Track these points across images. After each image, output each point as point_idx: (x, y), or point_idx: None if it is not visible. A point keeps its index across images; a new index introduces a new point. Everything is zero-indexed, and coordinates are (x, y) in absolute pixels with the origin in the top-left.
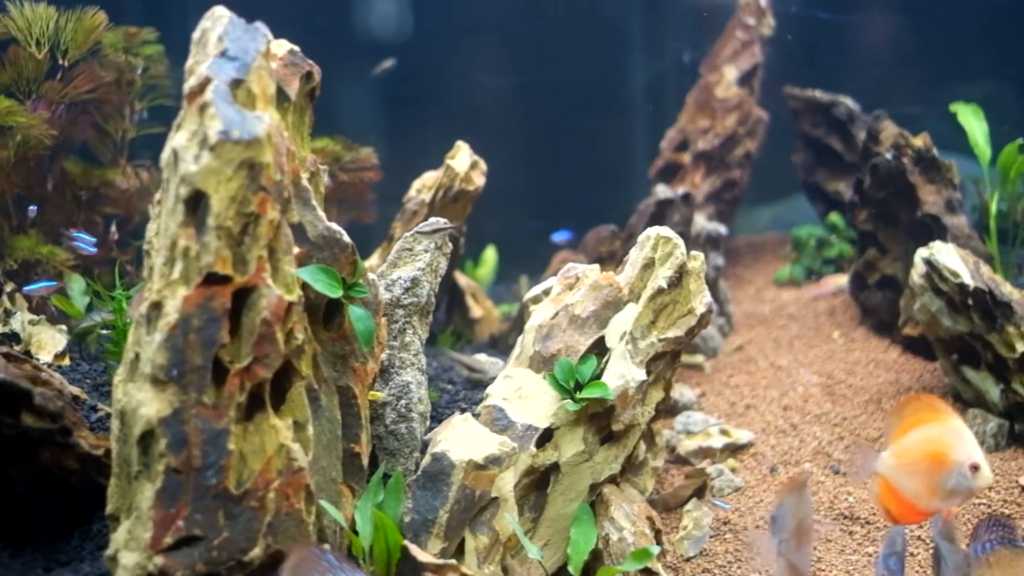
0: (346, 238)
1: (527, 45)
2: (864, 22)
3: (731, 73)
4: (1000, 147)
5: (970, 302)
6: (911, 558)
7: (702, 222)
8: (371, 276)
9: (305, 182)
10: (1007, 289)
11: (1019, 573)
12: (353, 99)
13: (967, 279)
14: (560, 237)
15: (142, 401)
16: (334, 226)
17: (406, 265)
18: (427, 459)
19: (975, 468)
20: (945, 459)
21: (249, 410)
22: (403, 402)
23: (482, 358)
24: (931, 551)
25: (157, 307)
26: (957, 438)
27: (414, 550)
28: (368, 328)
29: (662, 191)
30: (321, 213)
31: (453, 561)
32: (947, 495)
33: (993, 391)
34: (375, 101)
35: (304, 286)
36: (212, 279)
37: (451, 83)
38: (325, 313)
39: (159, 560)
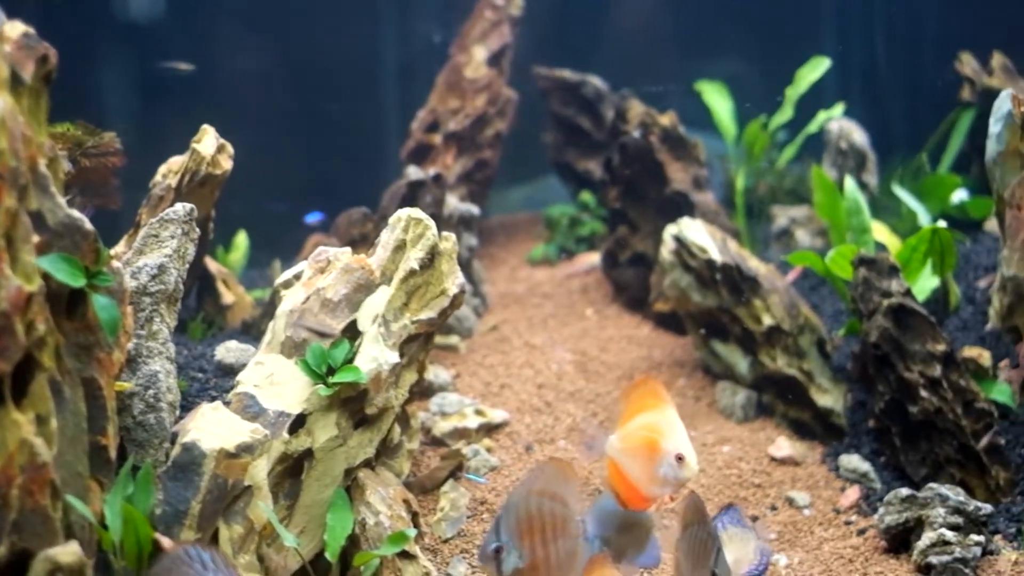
0: (88, 225)
1: (275, 28)
2: (613, 1)
3: (480, 53)
4: (744, 124)
5: (718, 277)
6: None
7: (454, 203)
8: (116, 264)
9: (44, 168)
10: (754, 264)
11: (748, 550)
12: (97, 83)
13: (715, 254)
14: (312, 218)
15: None
16: (75, 213)
17: (152, 252)
18: (177, 449)
19: (680, 459)
20: (657, 447)
21: None
22: (151, 392)
23: (233, 345)
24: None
25: None
26: (669, 427)
27: (166, 543)
28: (113, 317)
29: (413, 172)
30: (61, 200)
31: None
32: (661, 483)
33: (741, 363)
34: (120, 85)
35: (45, 276)
36: None
37: (199, 66)
38: (68, 303)
39: None
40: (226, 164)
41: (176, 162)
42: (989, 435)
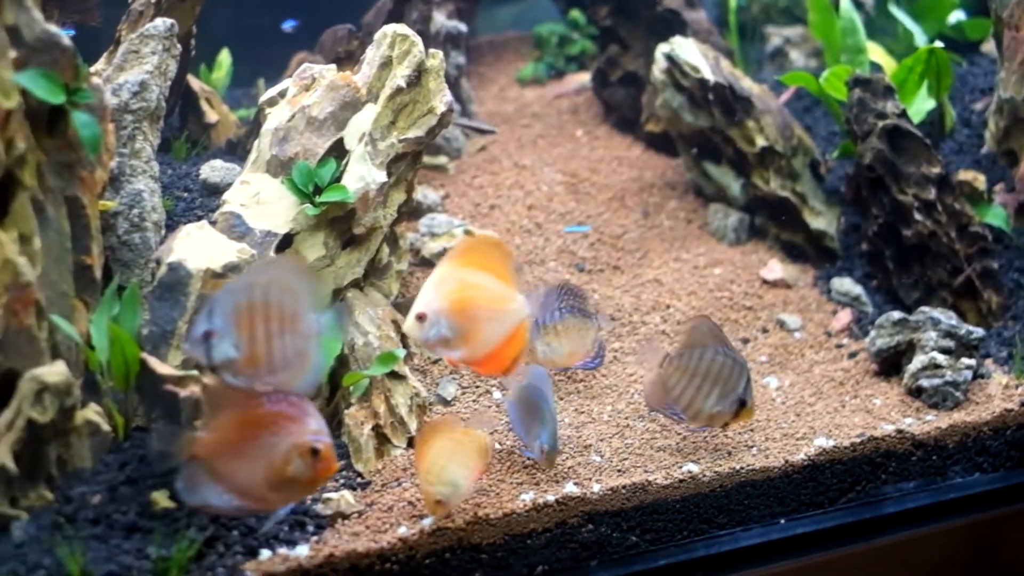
0: (66, 40)
1: None
2: None
3: None
4: None
5: (710, 97)
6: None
7: (441, 20)
8: (96, 80)
9: None
10: (747, 84)
11: (585, 342)
12: None
13: (707, 74)
14: (288, 26)
15: None
16: (53, 28)
17: (133, 68)
18: (163, 269)
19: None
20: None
21: None
22: (136, 211)
23: (218, 164)
24: None
25: None
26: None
27: (153, 362)
28: (94, 135)
29: None
30: (38, 14)
31: (194, 372)
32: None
33: (734, 186)
34: None
35: (24, 92)
36: None
37: None
38: (48, 120)
39: None
40: None
41: None
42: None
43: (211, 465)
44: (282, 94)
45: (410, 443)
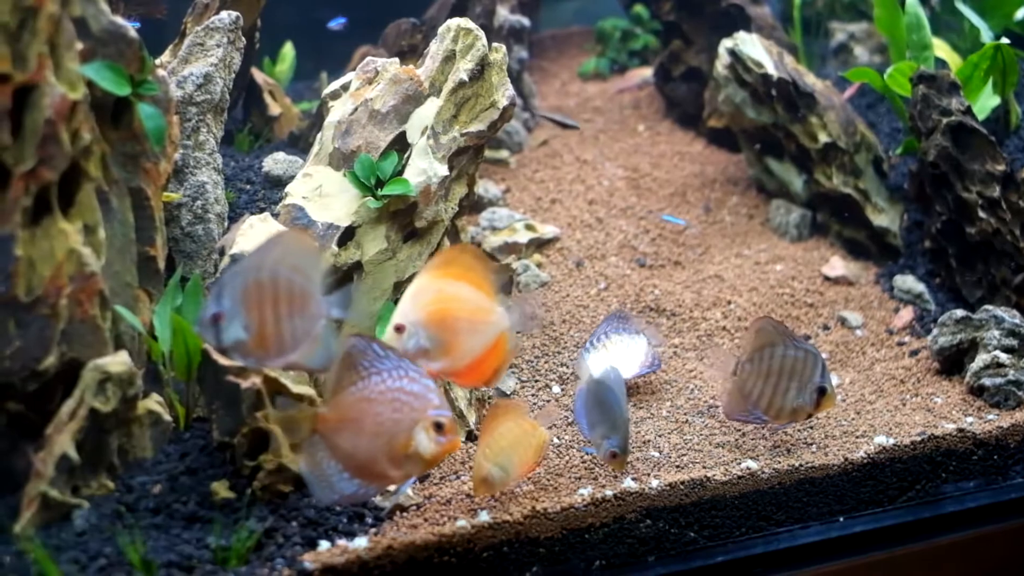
0: (132, 33)
1: None
2: None
3: None
4: None
5: (774, 93)
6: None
7: (505, 14)
8: (161, 73)
9: None
10: (810, 80)
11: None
12: None
13: (771, 70)
14: (336, 23)
15: None
16: (119, 20)
17: (198, 61)
18: (226, 260)
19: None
20: None
21: (36, 214)
22: (199, 203)
23: (280, 156)
24: None
25: None
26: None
27: (215, 353)
28: (159, 126)
29: None
30: (104, 6)
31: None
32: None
33: (796, 182)
34: None
35: (89, 84)
36: None
37: None
38: (113, 112)
39: None
40: None
41: None
42: None
43: (332, 442)
44: (345, 87)
45: (469, 436)
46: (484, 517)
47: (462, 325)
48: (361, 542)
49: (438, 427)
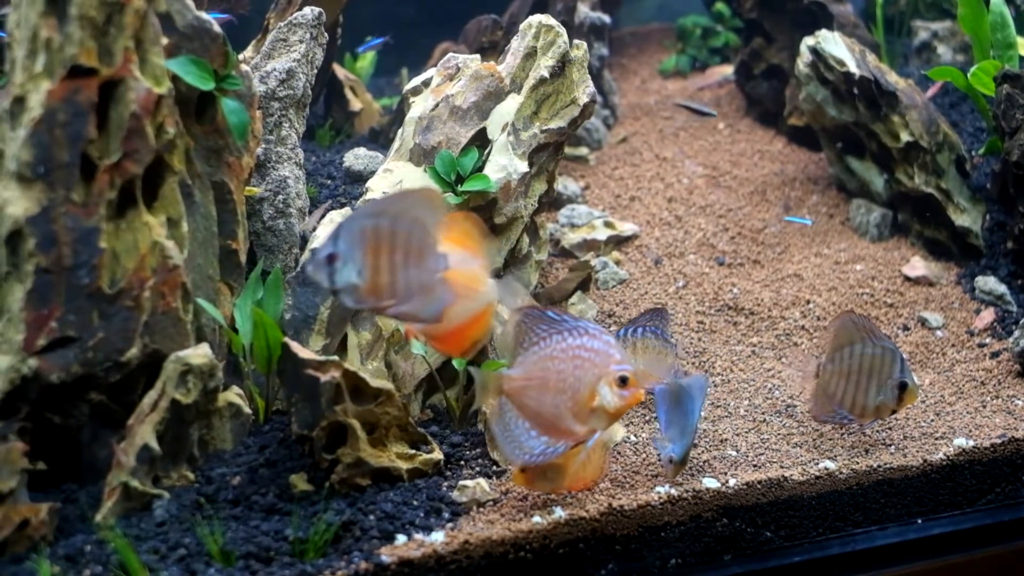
0: (216, 28)
1: None
2: None
3: None
4: None
5: (855, 91)
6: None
7: (585, 11)
8: (244, 68)
9: None
10: (893, 78)
11: (659, 365)
12: None
13: (853, 68)
14: (375, 43)
15: (8, 200)
16: (204, 15)
17: (281, 56)
18: (307, 254)
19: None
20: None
21: (120, 207)
22: (280, 197)
23: (361, 152)
24: None
25: (20, 102)
26: None
27: (295, 347)
28: (242, 121)
29: None
30: (190, 2)
31: (335, 357)
32: None
33: (877, 181)
34: None
35: (174, 78)
36: (77, 72)
37: None
38: (197, 106)
39: (33, 362)
40: None
41: None
42: None
43: (519, 401)
44: (426, 83)
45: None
46: (560, 513)
47: (454, 288)
48: (438, 536)
49: (622, 381)
